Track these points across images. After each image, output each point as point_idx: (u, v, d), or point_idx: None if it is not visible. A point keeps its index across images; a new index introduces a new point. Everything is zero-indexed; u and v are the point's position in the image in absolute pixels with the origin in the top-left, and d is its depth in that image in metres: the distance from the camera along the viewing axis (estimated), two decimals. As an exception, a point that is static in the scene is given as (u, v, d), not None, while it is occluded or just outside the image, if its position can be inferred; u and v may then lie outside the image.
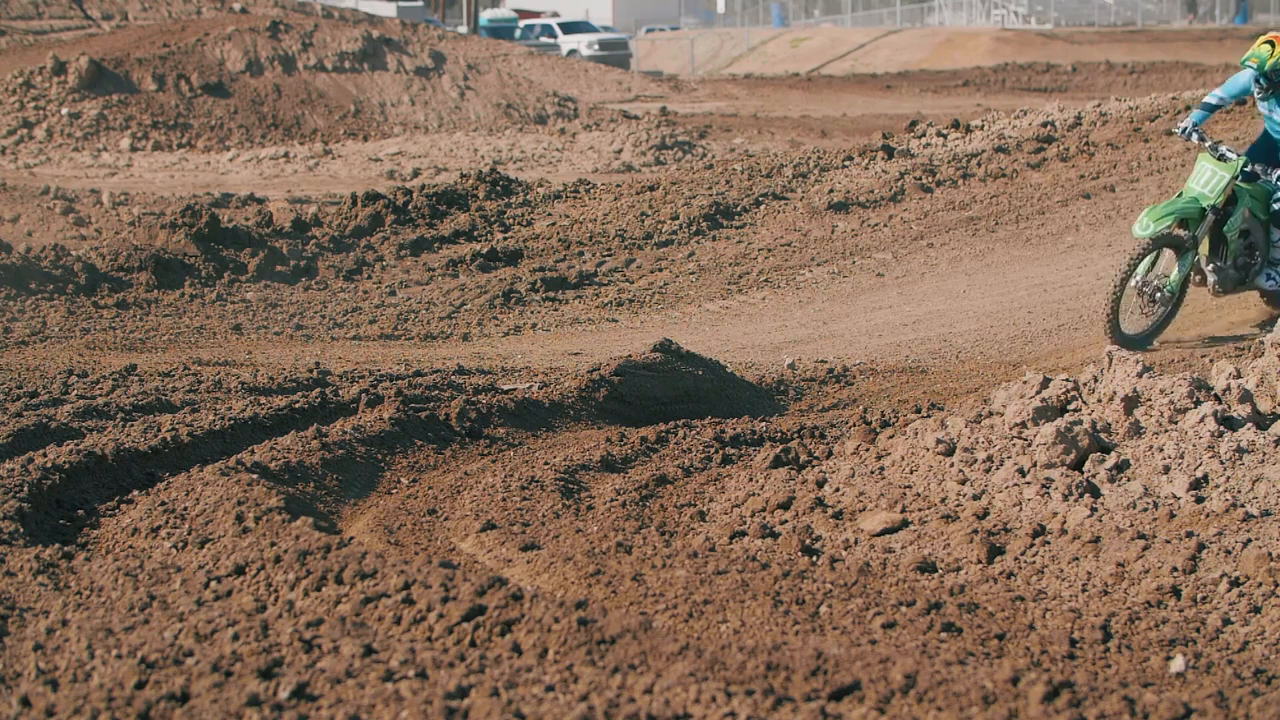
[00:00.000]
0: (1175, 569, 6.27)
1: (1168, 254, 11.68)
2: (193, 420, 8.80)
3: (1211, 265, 11.71)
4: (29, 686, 4.65)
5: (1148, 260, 11.57)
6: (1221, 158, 11.40)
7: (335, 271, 15.79)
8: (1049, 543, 6.70)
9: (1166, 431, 7.25)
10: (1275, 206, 11.63)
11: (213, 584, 5.87)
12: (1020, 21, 62.75)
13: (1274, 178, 11.49)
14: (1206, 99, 11.76)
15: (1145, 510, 6.83)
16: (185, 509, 7.08)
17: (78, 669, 4.78)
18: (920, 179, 19.38)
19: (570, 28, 54.13)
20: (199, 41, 32.42)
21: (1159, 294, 11.68)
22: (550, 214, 18.40)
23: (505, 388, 10.57)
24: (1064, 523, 6.86)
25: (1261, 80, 11.27)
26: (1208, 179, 11.40)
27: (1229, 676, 5.44)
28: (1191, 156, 20.12)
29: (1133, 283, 11.54)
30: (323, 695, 4.51)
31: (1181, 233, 11.50)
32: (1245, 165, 11.42)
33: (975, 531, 6.85)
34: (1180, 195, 11.51)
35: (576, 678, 4.62)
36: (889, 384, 11.72)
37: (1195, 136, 11.65)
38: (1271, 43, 11.20)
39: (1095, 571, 6.41)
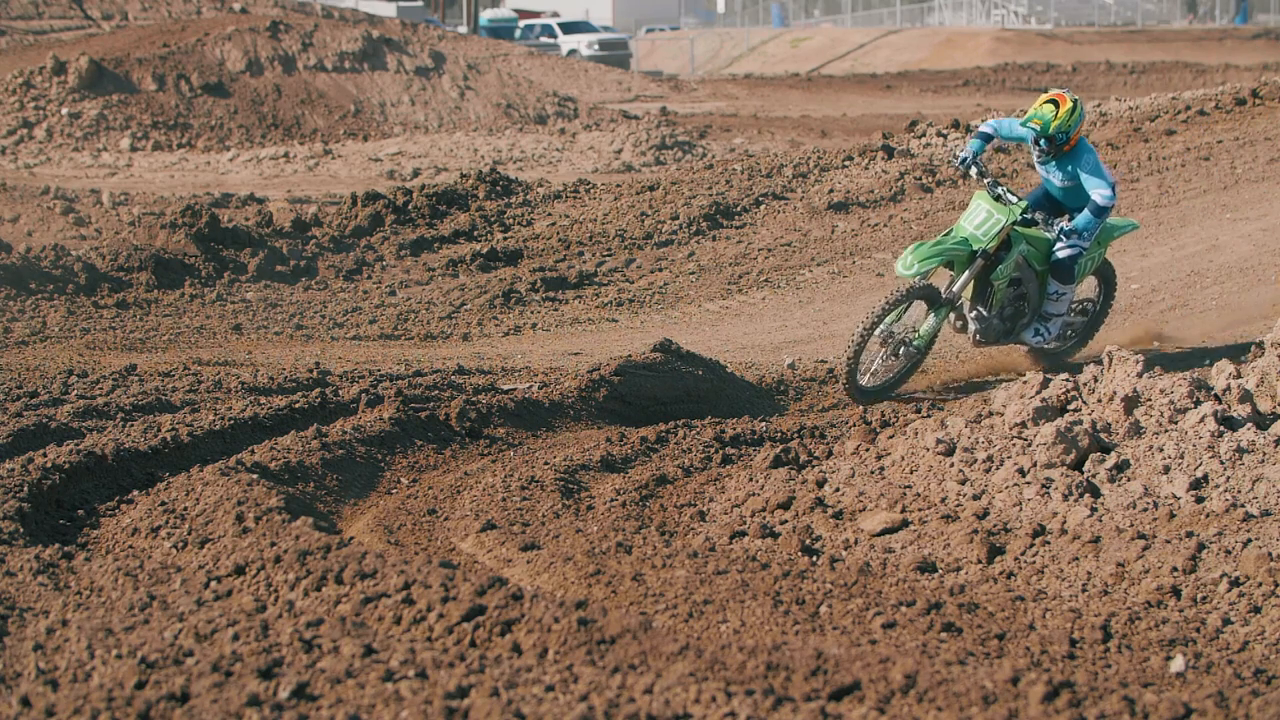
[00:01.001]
0: (1175, 569, 6.27)
1: (919, 304, 10.76)
2: (193, 420, 8.80)
3: (975, 312, 10.84)
4: (29, 686, 4.65)
5: (900, 308, 10.67)
6: (999, 199, 10.58)
7: (335, 271, 15.79)
8: (1049, 543, 6.70)
9: (1166, 431, 7.25)
10: (1057, 256, 10.80)
11: (213, 584, 5.87)
12: (1020, 21, 62.75)
13: (1055, 230, 10.67)
14: (982, 128, 11.01)
15: (1145, 510, 6.83)
16: (185, 509, 7.08)
17: (78, 669, 4.78)
18: (920, 179, 19.38)
19: (570, 28, 54.13)
20: (199, 41, 32.42)
21: (903, 348, 10.75)
22: (550, 214, 18.40)
23: (505, 388, 10.57)
24: (1064, 523, 6.86)
25: (1042, 143, 10.56)
26: (982, 221, 10.57)
27: (1229, 676, 5.44)
28: (1193, 158, 20.12)
29: (879, 330, 10.61)
30: (323, 695, 4.51)
31: (939, 285, 10.70)
32: (1025, 211, 10.62)
33: (975, 531, 6.85)
34: (949, 233, 10.64)
35: (576, 678, 4.62)
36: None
37: (974, 171, 10.76)
38: (1055, 103, 10.51)
39: (1095, 571, 6.41)
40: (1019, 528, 6.89)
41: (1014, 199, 10.57)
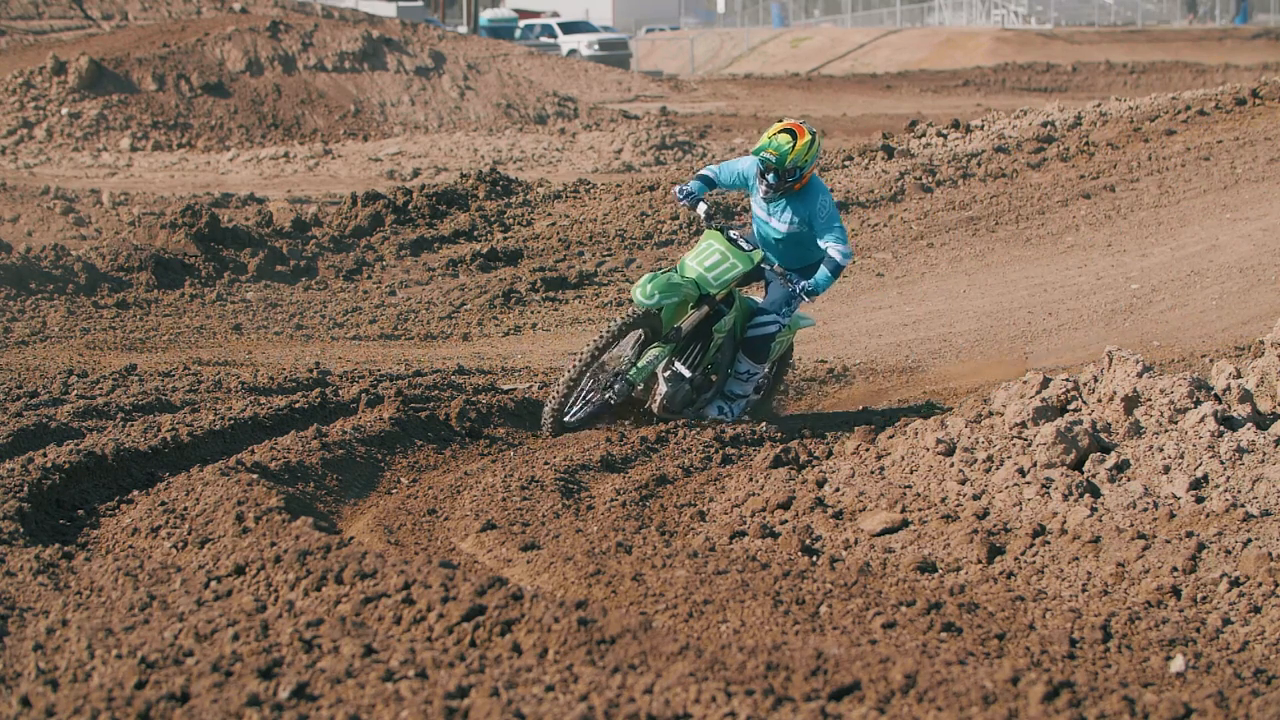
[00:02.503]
0: (1175, 569, 6.27)
1: (633, 335, 9.48)
2: (193, 420, 8.80)
3: (671, 371, 9.54)
4: (29, 686, 4.65)
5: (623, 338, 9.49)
6: (734, 243, 9.44)
7: (335, 271, 15.79)
8: (1049, 543, 6.70)
9: (1166, 431, 7.25)
10: (759, 331, 9.66)
11: (213, 584, 5.87)
12: (1020, 21, 62.74)
13: (796, 287, 9.44)
14: (704, 171, 9.76)
15: (1145, 510, 6.83)
16: (185, 509, 7.08)
17: (78, 669, 4.78)
18: (920, 179, 19.38)
19: (570, 28, 54.12)
20: (199, 41, 32.42)
21: (617, 381, 9.42)
22: (550, 214, 18.40)
23: (505, 388, 10.57)
24: (1064, 523, 6.86)
25: (771, 177, 9.37)
26: (715, 263, 9.36)
27: (1229, 676, 5.44)
28: (1193, 158, 20.12)
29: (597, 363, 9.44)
30: (323, 695, 4.51)
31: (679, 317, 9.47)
32: (761, 262, 9.48)
33: (975, 531, 6.85)
34: (678, 268, 9.45)
35: (576, 678, 4.63)
36: (889, 384, 11.72)
37: (702, 208, 9.56)
38: (792, 132, 9.36)
39: (1095, 571, 6.41)
40: (1019, 528, 6.89)
41: (748, 246, 9.41)
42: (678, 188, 9.49)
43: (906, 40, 57.05)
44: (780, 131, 9.34)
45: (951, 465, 7.54)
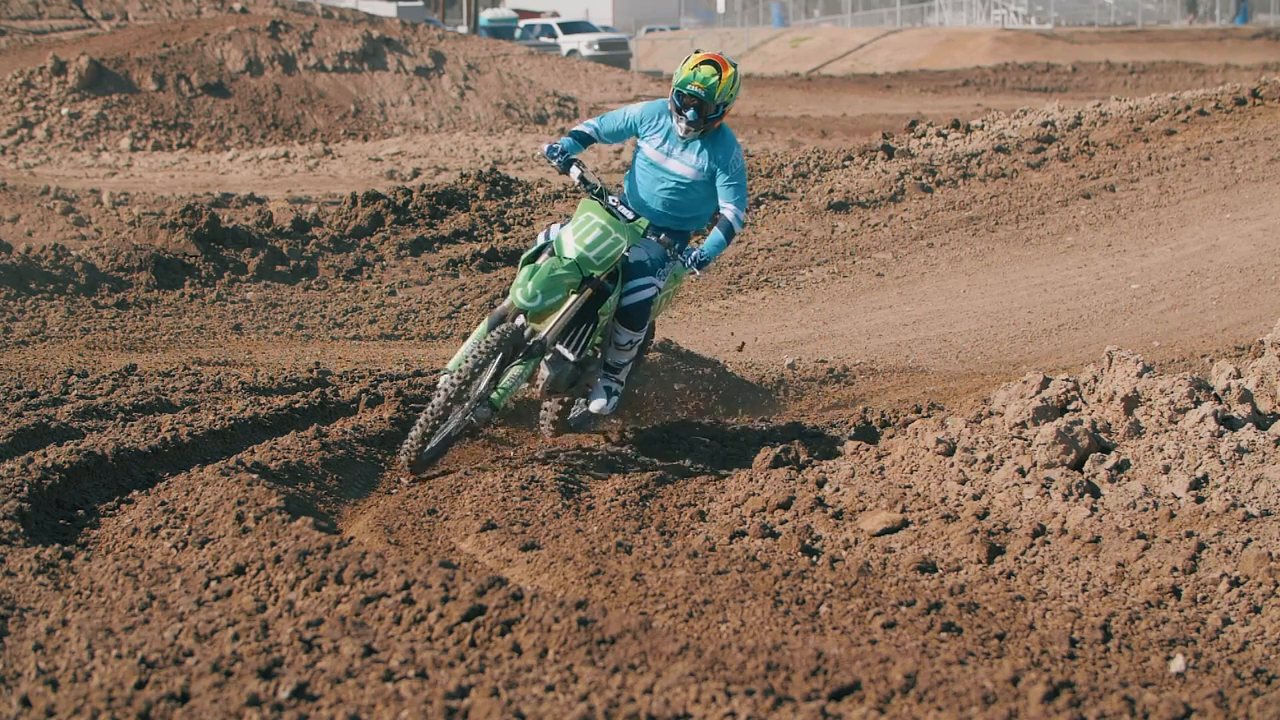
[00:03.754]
0: (1175, 569, 6.27)
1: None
2: (193, 420, 8.80)
3: (553, 354, 8.49)
4: (29, 686, 4.65)
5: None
6: (613, 213, 8.33)
7: (335, 271, 15.79)
8: (1049, 543, 6.70)
9: (1166, 431, 7.25)
10: (635, 299, 8.58)
11: (213, 584, 5.87)
12: (1020, 21, 62.74)
13: (688, 259, 8.37)
14: (579, 127, 8.69)
15: (1145, 510, 6.83)
16: (185, 509, 7.08)
17: (78, 669, 4.78)
18: (920, 179, 19.38)
19: (570, 28, 54.11)
20: (199, 41, 32.41)
21: (478, 409, 8.31)
22: (550, 214, 18.40)
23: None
24: (1064, 523, 6.86)
25: (692, 114, 8.35)
26: (597, 239, 8.28)
27: (1229, 676, 5.44)
28: (1193, 158, 20.11)
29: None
30: (323, 695, 4.51)
31: (539, 328, 8.37)
32: (648, 231, 8.42)
33: (975, 531, 6.86)
34: (554, 246, 8.40)
35: (576, 678, 4.62)
36: (889, 384, 11.72)
37: (576, 173, 8.41)
38: (715, 64, 8.40)
39: (1095, 571, 6.41)
40: (1019, 528, 6.89)
41: (630, 214, 8.34)
42: (546, 146, 8.41)
43: (906, 40, 57.05)
44: (703, 63, 8.37)
45: (951, 465, 7.55)
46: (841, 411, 10.62)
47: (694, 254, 8.33)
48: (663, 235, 8.39)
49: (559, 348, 8.49)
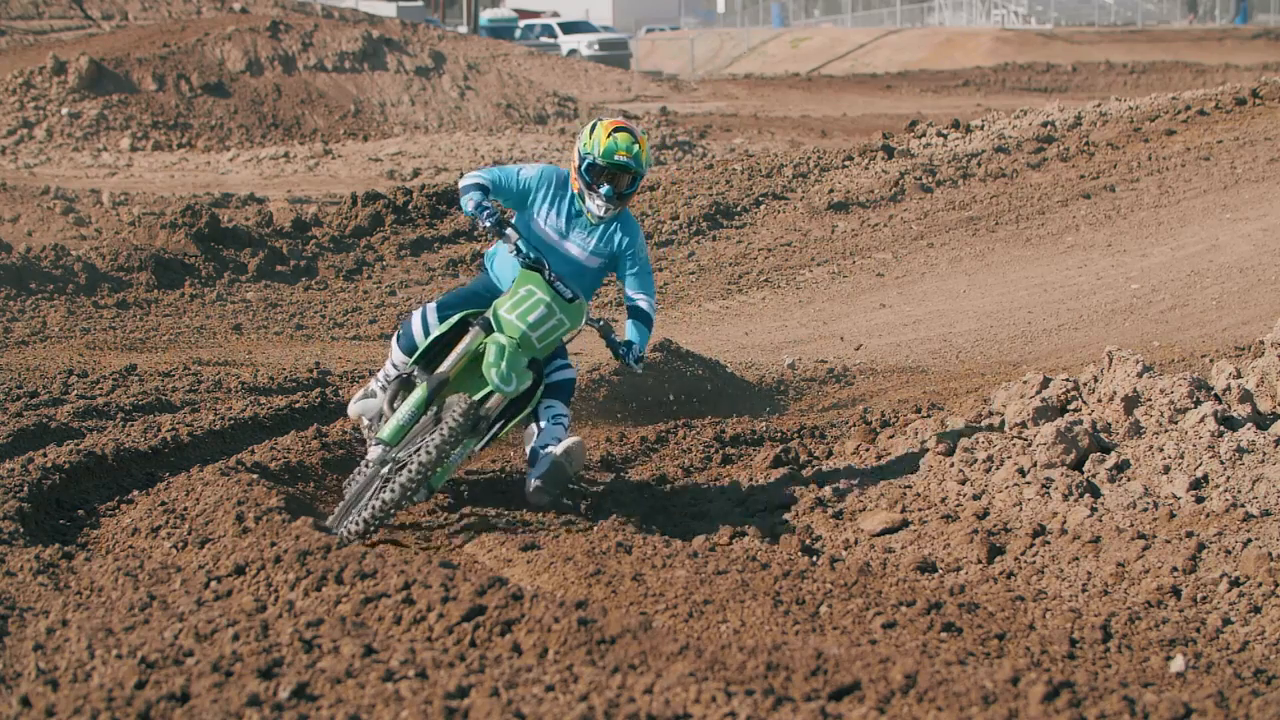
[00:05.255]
0: (1175, 569, 6.27)
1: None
2: (193, 420, 8.80)
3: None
4: (29, 686, 4.65)
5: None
6: (557, 290, 7.21)
7: (335, 271, 15.79)
8: (1049, 543, 6.70)
9: (1166, 431, 7.25)
10: (561, 377, 7.48)
11: (213, 584, 5.87)
12: (1020, 21, 62.73)
13: (628, 358, 7.36)
14: (476, 178, 7.35)
15: (1145, 510, 6.83)
16: (185, 509, 7.08)
17: (78, 669, 4.78)
18: (920, 179, 19.39)
19: (570, 28, 54.10)
20: (199, 41, 32.41)
21: (419, 493, 7.05)
22: (550, 214, 18.40)
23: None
24: (1064, 523, 6.86)
25: (606, 190, 7.30)
26: (541, 318, 7.20)
27: (1229, 676, 5.44)
28: (1193, 158, 20.10)
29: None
30: (323, 695, 4.51)
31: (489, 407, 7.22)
32: (587, 317, 7.35)
33: (975, 531, 6.86)
34: (492, 319, 7.22)
35: (576, 678, 4.62)
36: (889, 384, 11.72)
37: (513, 235, 7.23)
38: (630, 131, 7.36)
39: (1095, 571, 6.41)
40: (1019, 528, 6.89)
41: (569, 293, 7.22)
42: (472, 204, 7.19)
43: (906, 40, 57.03)
44: (619, 130, 7.34)
45: (951, 465, 7.55)
46: (841, 411, 10.61)
47: (635, 351, 7.35)
48: (601, 319, 7.39)
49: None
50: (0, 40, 33.56)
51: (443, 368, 7.18)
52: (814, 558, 6.92)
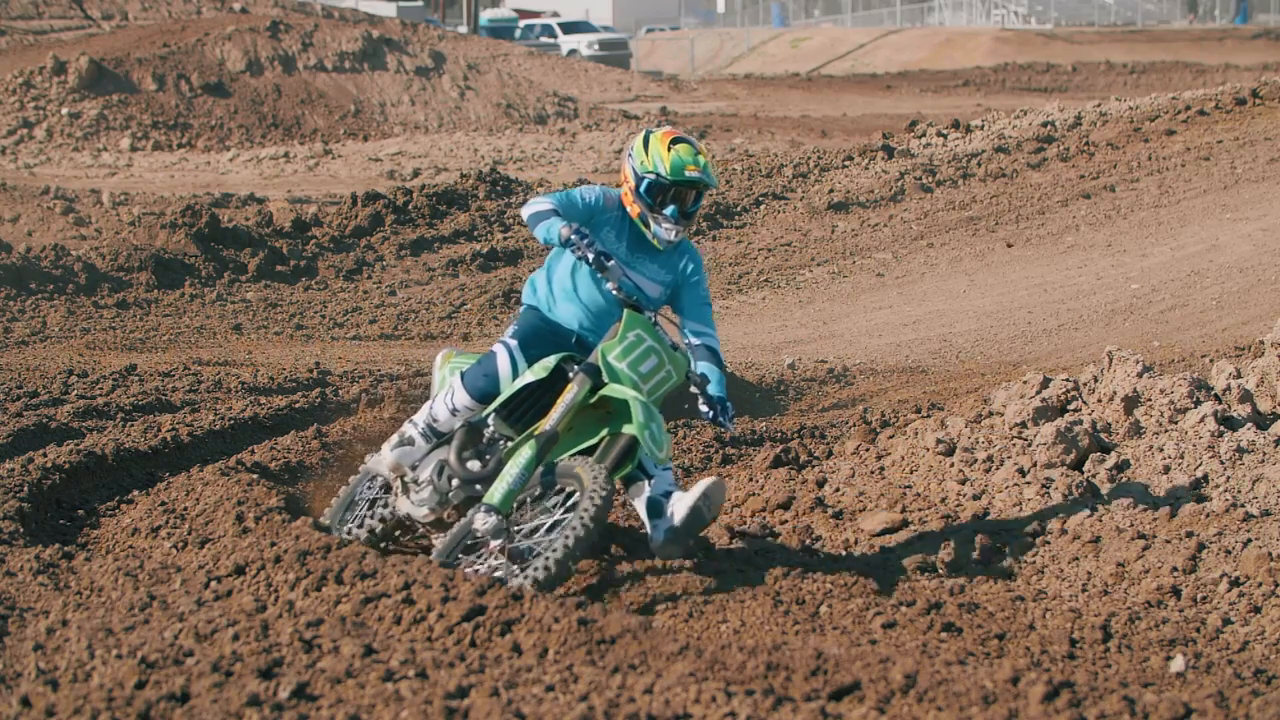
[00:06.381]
0: (1175, 569, 6.27)
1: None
2: (193, 420, 8.81)
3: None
4: (29, 686, 4.65)
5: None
6: (659, 335, 6.40)
7: (335, 271, 15.79)
8: (1049, 543, 6.70)
9: (1166, 431, 7.25)
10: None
11: (213, 584, 5.87)
12: (1020, 21, 62.71)
13: (711, 413, 6.43)
14: (545, 203, 6.48)
15: (1145, 510, 6.83)
16: (185, 509, 7.08)
17: (78, 669, 4.78)
18: (920, 179, 19.38)
19: (570, 28, 54.08)
20: (199, 41, 32.40)
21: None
22: (550, 214, 18.40)
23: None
24: (1064, 523, 6.86)
25: (671, 211, 6.46)
26: (653, 369, 6.34)
27: (1229, 676, 5.44)
28: (1193, 158, 20.08)
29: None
30: (323, 695, 4.51)
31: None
32: (689, 368, 6.48)
33: (975, 531, 6.85)
34: (602, 363, 6.30)
35: (576, 678, 4.62)
36: (889, 384, 11.72)
37: (608, 265, 6.38)
38: (688, 141, 6.50)
39: (1095, 571, 6.41)
40: (1019, 528, 6.89)
41: (669, 339, 6.45)
42: (568, 231, 6.31)
43: (906, 40, 57.02)
44: (678, 141, 6.50)
45: (951, 465, 7.54)
46: (841, 411, 10.61)
47: (729, 410, 6.47)
48: (702, 374, 6.47)
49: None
50: (0, 40, 33.55)
51: (550, 423, 6.23)
52: (814, 558, 6.91)
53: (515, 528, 6.13)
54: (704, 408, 6.36)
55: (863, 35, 59.62)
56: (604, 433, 6.27)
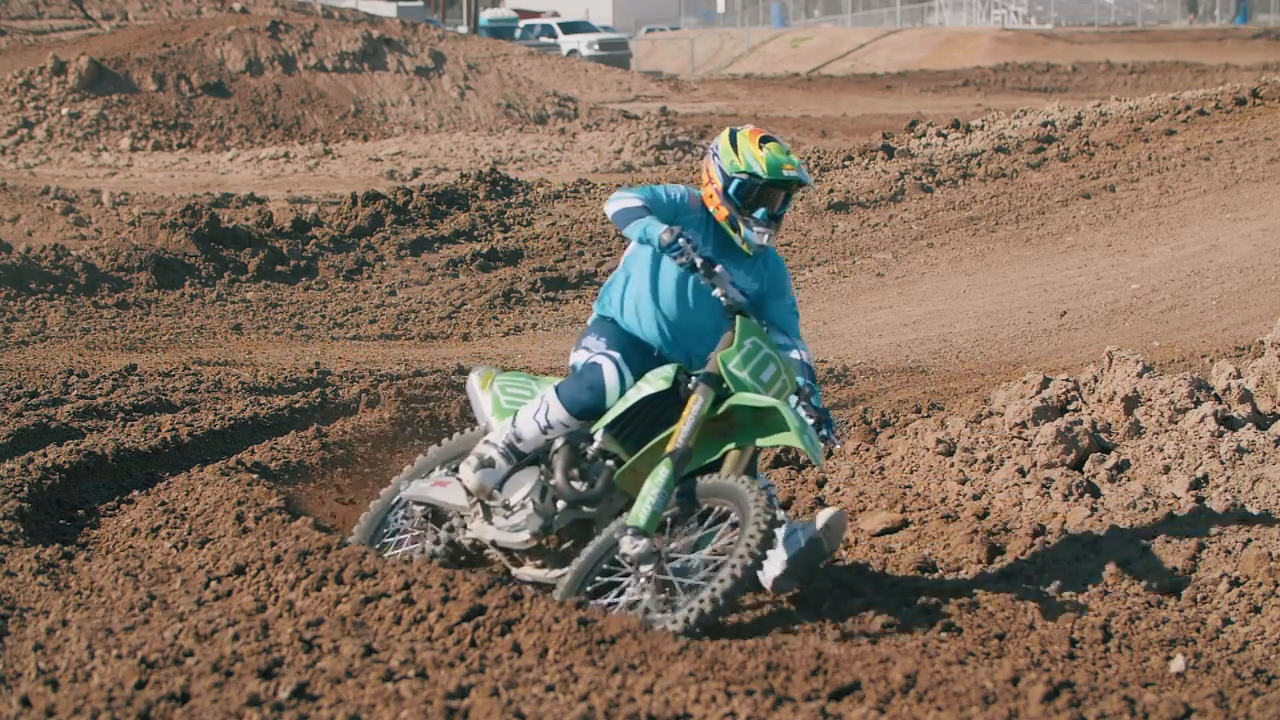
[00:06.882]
0: (1175, 569, 6.27)
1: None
2: (193, 420, 8.81)
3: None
4: (29, 686, 4.65)
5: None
6: (777, 348, 6.11)
7: (335, 271, 15.79)
8: (1049, 543, 6.70)
9: (1166, 431, 7.25)
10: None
11: (213, 584, 5.87)
12: (1020, 21, 62.70)
13: (832, 434, 6.14)
14: (633, 199, 6.07)
15: (1145, 510, 6.83)
16: (185, 509, 7.08)
17: (78, 669, 4.78)
18: (920, 179, 19.38)
19: (570, 28, 54.06)
20: (199, 41, 32.39)
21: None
22: (550, 214, 18.40)
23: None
24: (1064, 523, 6.86)
25: (761, 215, 6.07)
26: (774, 378, 6.01)
27: (1229, 676, 5.44)
28: (1193, 158, 20.07)
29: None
30: (323, 695, 4.51)
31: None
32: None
33: (975, 531, 6.85)
34: (725, 374, 5.93)
35: (576, 678, 4.62)
36: (889, 384, 11.72)
37: (716, 271, 6.02)
38: (774, 139, 6.17)
39: (1095, 571, 6.41)
40: (1019, 528, 6.89)
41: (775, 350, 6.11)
42: (670, 234, 5.91)
43: (906, 40, 57.01)
44: (766, 140, 6.17)
45: (951, 465, 7.55)
46: (841, 412, 10.61)
47: (833, 424, 6.17)
48: (809, 386, 6.15)
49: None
50: (0, 40, 33.55)
51: (681, 439, 5.85)
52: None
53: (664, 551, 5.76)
54: (810, 420, 6.00)
55: (863, 35, 59.61)
56: (729, 446, 5.94)
